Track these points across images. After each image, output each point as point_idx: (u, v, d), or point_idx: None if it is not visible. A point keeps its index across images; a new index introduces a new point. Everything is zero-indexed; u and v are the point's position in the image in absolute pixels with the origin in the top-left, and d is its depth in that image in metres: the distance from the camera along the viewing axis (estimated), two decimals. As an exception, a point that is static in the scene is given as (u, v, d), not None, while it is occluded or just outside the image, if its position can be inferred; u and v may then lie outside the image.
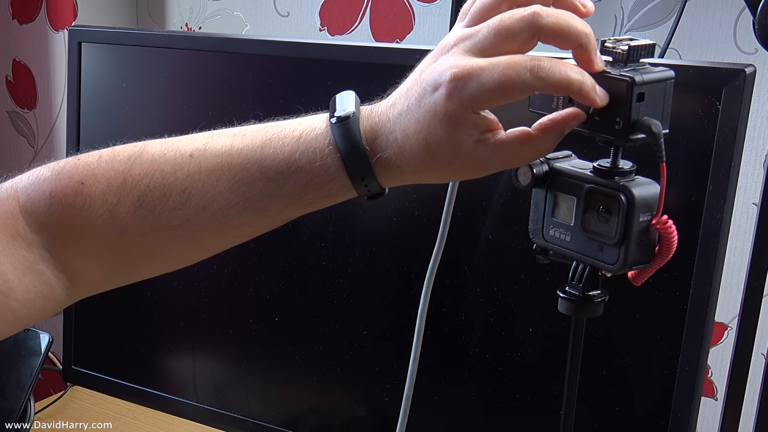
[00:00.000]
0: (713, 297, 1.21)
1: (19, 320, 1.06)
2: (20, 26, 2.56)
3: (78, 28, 1.65)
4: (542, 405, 1.36)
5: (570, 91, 0.86)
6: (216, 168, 0.98)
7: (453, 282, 1.38)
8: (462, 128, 0.88)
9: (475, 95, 0.86)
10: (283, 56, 1.48)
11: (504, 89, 0.85)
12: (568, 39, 0.86)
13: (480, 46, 0.88)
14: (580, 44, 0.87)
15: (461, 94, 0.86)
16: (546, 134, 0.89)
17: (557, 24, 0.86)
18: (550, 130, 0.89)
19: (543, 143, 0.89)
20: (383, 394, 1.47)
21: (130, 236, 1.02)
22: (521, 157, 0.91)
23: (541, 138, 0.89)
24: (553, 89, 0.86)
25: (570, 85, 0.85)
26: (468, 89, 0.86)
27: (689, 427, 1.25)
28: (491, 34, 0.87)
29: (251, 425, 1.61)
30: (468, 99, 0.86)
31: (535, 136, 0.89)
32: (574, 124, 0.89)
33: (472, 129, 0.88)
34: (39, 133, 2.61)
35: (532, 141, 0.89)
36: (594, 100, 0.86)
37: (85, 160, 1.04)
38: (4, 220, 1.04)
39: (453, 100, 0.87)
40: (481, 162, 0.90)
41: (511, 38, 0.87)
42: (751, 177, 1.63)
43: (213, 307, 1.61)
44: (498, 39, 0.87)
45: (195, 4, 2.37)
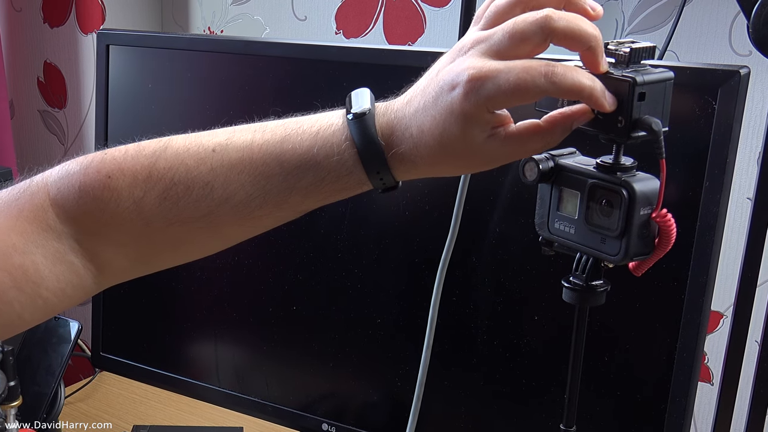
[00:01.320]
0: (709, 287, 1.21)
1: (50, 308, 1.06)
2: (51, 29, 2.57)
3: (106, 32, 1.65)
4: (547, 389, 1.36)
5: (581, 96, 0.86)
6: (237, 162, 0.99)
7: (463, 273, 1.38)
8: (476, 125, 0.88)
9: (491, 96, 0.86)
10: (301, 58, 1.48)
11: (519, 92, 0.85)
12: (578, 42, 0.87)
13: (496, 48, 0.88)
14: (589, 47, 0.87)
15: (478, 95, 0.86)
16: (554, 127, 0.89)
17: (569, 27, 0.86)
18: (559, 123, 0.89)
19: (551, 135, 0.90)
20: (396, 379, 1.47)
21: (155, 227, 1.02)
22: (530, 147, 0.91)
23: (549, 130, 0.89)
24: (565, 94, 0.86)
25: (582, 91, 0.85)
26: (484, 90, 0.86)
27: (686, 411, 1.25)
28: (506, 37, 0.87)
29: (270, 409, 1.61)
30: (484, 99, 0.86)
31: (544, 127, 0.90)
32: (582, 120, 0.89)
33: (486, 126, 0.89)
34: (69, 131, 2.61)
35: (541, 132, 0.90)
36: (603, 105, 0.86)
37: (112, 154, 1.04)
38: (35, 212, 1.04)
39: (470, 99, 0.87)
40: (492, 154, 0.91)
41: (524, 41, 0.87)
42: (745, 173, 1.63)
43: (234, 296, 1.62)
44: (512, 41, 0.87)
45: (217, 9, 2.37)
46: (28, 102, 2.70)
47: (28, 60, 2.65)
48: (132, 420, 1.86)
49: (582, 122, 0.90)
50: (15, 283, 1.02)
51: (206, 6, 2.39)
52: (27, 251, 1.03)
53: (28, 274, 1.03)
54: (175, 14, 2.48)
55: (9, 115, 2.57)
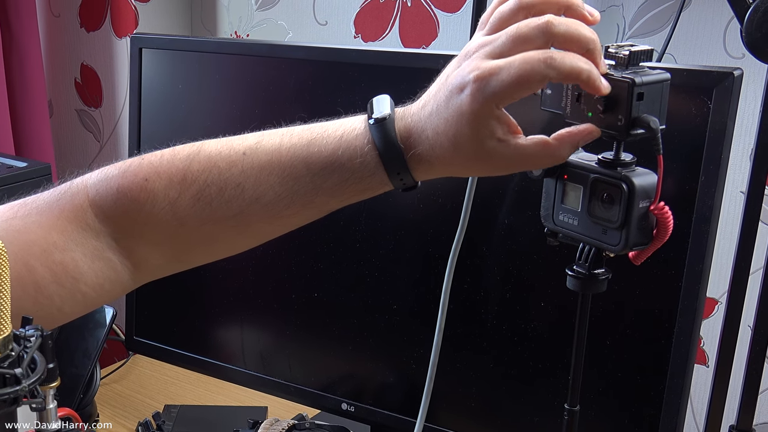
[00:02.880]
0: (705, 275, 1.21)
1: (89, 302, 1.07)
2: (87, 34, 2.57)
3: (139, 36, 1.65)
4: (552, 371, 1.36)
5: (580, 79, 0.86)
6: (267, 164, 0.99)
7: (473, 262, 1.38)
8: (486, 124, 0.88)
9: (497, 91, 0.86)
10: (322, 60, 1.49)
11: (522, 81, 0.85)
12: (577, 44, 0.87)
13: (499, 51, 0.88)
14: (588, 49, 0.87)
15: (484, 92, 0.87)
16: (563, 144, 0.90)
17: (568, 31, 0.87)
18: (567, 141, 0.90)
19: (559, 151, 0.90)
20: (411, 361, 1.48)
21: (189, 226, 1.03)
22: (539, 161, 0.92)
23: (557, 147, 0.90)
24: (564, 77, 0.86)
25: (580, 73, 0.85)
26: (490, 87, 0.86)
27: (683, 391, 1.25)
28: (509, 40, 0.88)
29: (293, 389, 1.62)
30: (491, 95, 0.87)
31: (552, 144, 0.90)
32: (588, 139, 0.89)
33: (495, 125, 0.89)
34: (104, 128, 2.62)
35: (550, 148, 0.90)
36: (599, 88, 0.86)
37: (148, 159, 1.04)
38: (75, 212, 1.05)
39: (477, 98, 0.87)
40: (503, 160, 0.91)
41: (526, 44, 0.87)
42: (738, 168, 1.63)
43: (259, 284, 1.62)
44: (515, 44, 0.87)
45: (243, 14, 2.37)
46: (66, 101, 2.70)
47: (66, 62, 2.66)
48: (163, 400, 1.87)
49: (588, 141, 0.90)
50: (55, 279, 1.03)
51: (233, 11, 2.39)
52: (67, 249, 1.03)
53: (68, 270, 1.03)
54: (203, 19, 2.48)
55: (48, 114, 2.58)
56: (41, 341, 0.70)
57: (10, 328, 0.68)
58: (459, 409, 1.46)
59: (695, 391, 1.78)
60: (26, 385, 0.66)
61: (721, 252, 1.23)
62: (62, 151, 2.72)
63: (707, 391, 1.22)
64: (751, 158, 1.14)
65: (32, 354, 0.69)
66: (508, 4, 0.91)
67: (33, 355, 0.69)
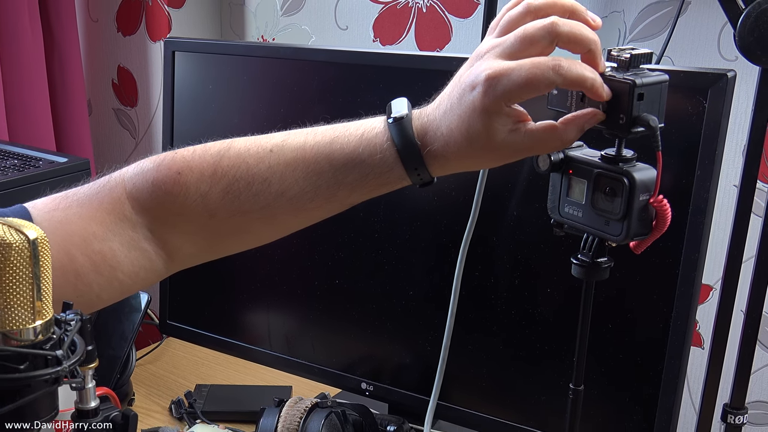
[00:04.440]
0: (700, 263, 1.21)
1: (125, 289, 1.07)
2: (124, 38, 2.58)
3: (172, 40, 1.66)
4: (558, 353, 1.36)
5: (584, 86, 0.86)
6: (292, 161, 1.00)
7: (483, 251, 1.38)
8: (497, 119, 0.89)
9: (507, 90, 0.87)
10: (343, 63, 1.49)
11: (530, 84, 0.86)
12: (580, 44, 0.87)
13: (508, 51, 0.89)
14: (590, 49, 0.88)
15: (495, 90, 0.87)
16: (569, 127, 0.90)
17: (572, 32, 0.87)
18: (572, 124, 0.90)
19: (566, 134, 0.90)
20: (425, 344, 1.48)
21: (219, 218, 1.04)
22: (547, 144, 0.92)
23: (564, 129, 0.90)
24: (570, 84, 0.86)
25: (585, 81, 0.86)
26: (500, 86, 0.87)
27: (680, 371, 1.25)
28: (517, 41, 0.88)
29: (316, 370, 1.62)
30: (501, 93, 0.87)
31: (560, 128, 0.90)
32: (593, 122, 0.90)
33: (506, 119, 0.89)
34: (139, 126, 2.62)
35: (557, 131, 0.90)
36: (601, 95, 0.87)
37: (181, 154, 1.05)
38: (113, 205, 1.05)
39: (488, 96, 0.88)
40: (513, 148, 0.91)
41: (533, 44, 0.88)
42: (732, 163, 1.63)
43: (284, 271, 1.63)
44: (523, 44, 0.88)
45: (269, 19, 2.38)
46: (103, 101, 2.71)
47: (104, 64, 2.67)
48: (195, 380, 1.87)
49: (592, 124, 0.90)
50: (94, 267, 1.03)
51: (260, 17, 2.40)
52: (105, 239, 1.04)
53: (106, 259, 1.04)
54: (232, 24, 2.49)
55: (87, 113, 2.59)
56: (81, 325, 0.71)
57: (52, 313, 0.68)
58: (470, 389, 1.47)
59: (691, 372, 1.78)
60: (67, 366, 0.67)
61: (716, 241, 1.23)
62: (100, 147, 2.72)
63: (703, 371, 1.22)
64: (744, 154, 1.14)
65: (72, 337, 0.69)
66: (516, 9, 0.92)
67: (73, 337, 0.69)
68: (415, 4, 2.09)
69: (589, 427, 1.22)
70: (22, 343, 0.66)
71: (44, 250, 0.67)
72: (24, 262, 0.65)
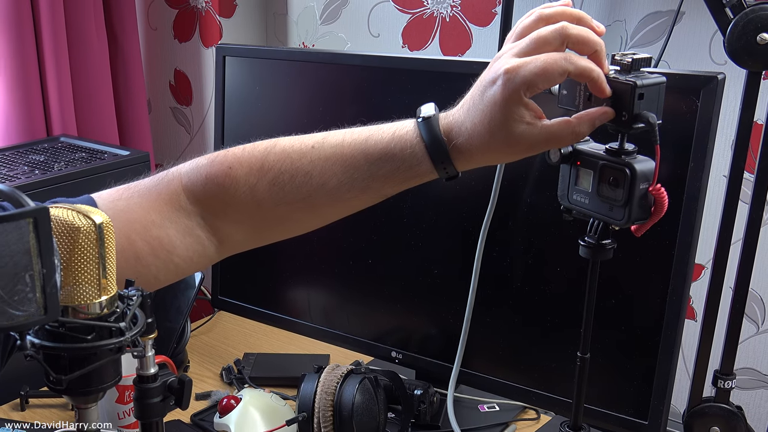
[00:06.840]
0: (693, 244, 1.22)
1: (180, 272, 1.08)
2: (180, 44, 2.59)
3: (223, 46, 1.66)
4: (567, 324, 1.36)
5: (590, 78, 0.88)
6: (331, 156, 1.01)
7: (501, 234, 1.38)
8: (516, 110, 0.90)
9: (525, 80, 0.88)
10: (375, 66, 1.49)
11: (546, 72, 0.87)
12: (587, 45, 0.89)
13: (524, 50, 0.90)
14: (596, 50, 0.89)
15: (514, 82, 0.88)
16: (582, 122, 0.90)
17: (580, 34, 0.89)
18: (585, 119, 0.90)
19: (579, 128, 0.91)
20: (449, 317, 1.48)
21: (265, 208, 1.05)
22: (562, 138, 0.92)
23: (578, 124, 0.91)
24: (580, 73, 0.88)
25: (591, 72, 0.88)
26: (518, 77, 0.88)
27: (675, 342, 1.26)
28: (532, 42, 0.90)
29: (351, 340, 1.63)
30: (520, 83, 0.88)
31: (573, 122, 0.91)
32: (604, 119, 0.90)
33: (523, 111, 0.90)
34: (193, 123, 2.63)
35: (571, 125, 0.91)
36: (604, 90, 0.89)
37: (232, 151, 1.06)
38: (170, 196, 1.06)
39: (508, 87, 0.89)
40: (530, 141, 0.92)
41: (546, 44, 0.89)
42: (721, 156, 1.62)
43: (323, 252, 1.63)
44: (537, 45, 0.89)
45: (310, 28, 2.38)
46: (162, 100, 2.72)
47: (162, 68, 2.68)
48: (243, 349, 1.87)
49: (603, 121, 0.91)
50: (152, 251, 1.04)
51: (301, 25, 2.40)
52: (163, 226, 1.05)
53: (163, 244, 1.05)
54: (276, 32, 2.49)
55: (147, 111, 2.61)
56: (141, 300, 0.71)
57: (116, 289, 0.69)
58: (489, 357, 1.47)
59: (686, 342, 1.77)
60: (129, 336, 0.68)
61: (707, 226, 1.23)
62: (158, 142, 2.73)
63: (695, 342, 1.23)
64: (732, 148, 1.14)
65: (134, 311, 0.70)
66: (529, 17, 0.94)
67: (134, 311, 0.70)
68: (440, 14, 2.09)
69: (594, 391, 1.22)
70: (89, 316, 0.66)
71: (109, 233, 0.67)
72: (91, 244, 0.66)
